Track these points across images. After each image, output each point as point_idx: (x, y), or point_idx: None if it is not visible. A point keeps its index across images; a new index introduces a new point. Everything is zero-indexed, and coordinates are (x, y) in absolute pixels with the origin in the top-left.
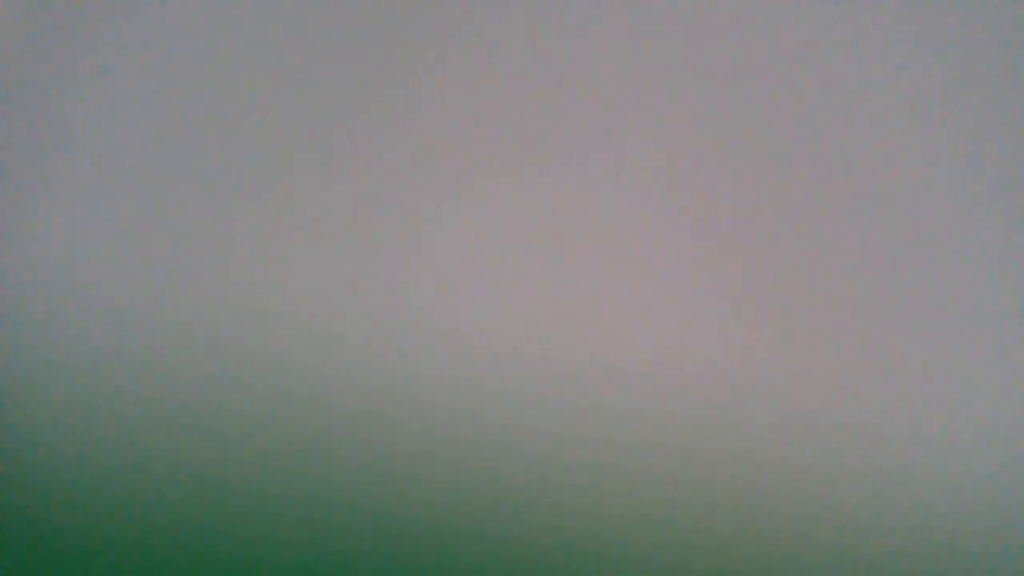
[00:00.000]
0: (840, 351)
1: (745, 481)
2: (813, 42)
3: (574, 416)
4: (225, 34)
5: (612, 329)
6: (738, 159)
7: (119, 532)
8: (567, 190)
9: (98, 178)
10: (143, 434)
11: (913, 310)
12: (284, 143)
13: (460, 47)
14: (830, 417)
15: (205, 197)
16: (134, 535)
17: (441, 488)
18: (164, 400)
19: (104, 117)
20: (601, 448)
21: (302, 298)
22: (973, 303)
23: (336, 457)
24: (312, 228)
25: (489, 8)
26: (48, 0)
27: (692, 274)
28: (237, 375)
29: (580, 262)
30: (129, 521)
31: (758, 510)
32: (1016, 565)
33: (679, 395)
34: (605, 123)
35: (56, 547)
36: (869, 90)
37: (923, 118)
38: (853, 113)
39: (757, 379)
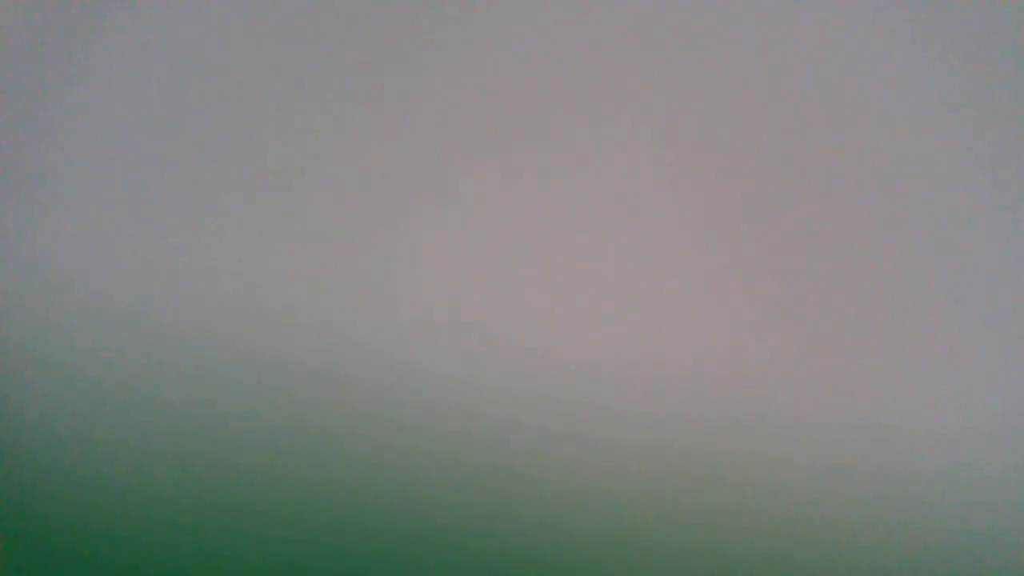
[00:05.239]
0: (842, 352)
1: (747, 482)
2: (816, 43)
3: (574, 417)
4: (221, 34)
5: (612, 329)
6: (740, 158)
7: (119, 532)
8: (567, 190)
9: (95, 178)
10: (141, 434)
11: (915, 311)
12: (280, 142)
13: (458, 44)
14: (832, 418)
15: (202, 196)
16: (134, 535)
17: (439, 487)
18: (162, 400)
19: (101, 118)
20: (600, 448)
21: (300, 297)
22: (976, 303)
23: (333, 456)
24: (309, 227)
25: (490, 6)
26: (45, 1)
27: (693, 274)
28: (235, 375)
29: (581, 262)
30: (129, 521)
31: (760, 511)
32: (1017, 565)
33: (679, 395)
34: (606, 121)
35: (56, 547)
36: (872, 90)
37: (924, 119)
38: (856, 113)
39: (758, 379)
